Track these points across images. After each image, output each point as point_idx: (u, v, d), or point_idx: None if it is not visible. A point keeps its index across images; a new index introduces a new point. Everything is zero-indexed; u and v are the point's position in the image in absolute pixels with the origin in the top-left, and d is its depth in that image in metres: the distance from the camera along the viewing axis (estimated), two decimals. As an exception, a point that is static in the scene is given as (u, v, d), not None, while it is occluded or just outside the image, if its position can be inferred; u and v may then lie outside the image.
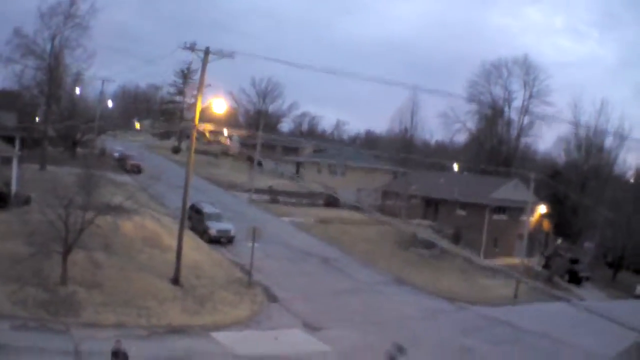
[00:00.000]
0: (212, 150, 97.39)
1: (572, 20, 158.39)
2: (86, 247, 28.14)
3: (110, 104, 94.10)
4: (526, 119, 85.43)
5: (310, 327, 29.84)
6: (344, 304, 34.62)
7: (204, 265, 35.43)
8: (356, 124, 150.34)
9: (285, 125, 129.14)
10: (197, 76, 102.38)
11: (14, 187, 38.59)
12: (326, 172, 78.58)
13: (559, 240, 54.20)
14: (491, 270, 50.54)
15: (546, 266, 55.67)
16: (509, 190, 60.12)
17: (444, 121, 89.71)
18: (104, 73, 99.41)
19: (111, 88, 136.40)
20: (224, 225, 43.86)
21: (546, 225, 60.87)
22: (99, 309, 26.17)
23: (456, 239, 56.59)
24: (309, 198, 68.38)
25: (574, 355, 31.75)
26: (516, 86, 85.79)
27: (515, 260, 52.71)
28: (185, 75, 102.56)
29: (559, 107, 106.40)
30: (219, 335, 26.77)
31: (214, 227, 43.16)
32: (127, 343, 22.91)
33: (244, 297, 32.21)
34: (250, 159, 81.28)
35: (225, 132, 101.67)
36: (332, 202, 66.03)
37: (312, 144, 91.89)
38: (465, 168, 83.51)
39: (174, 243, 33.12)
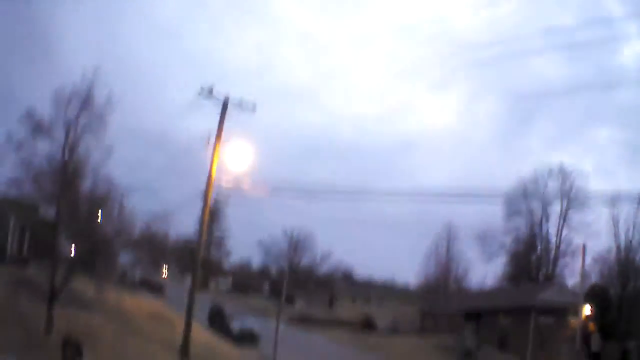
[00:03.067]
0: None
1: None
2: (83, 309, 24.85)
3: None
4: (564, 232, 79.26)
5: None
6: None
7: (221, 348, 29.89)
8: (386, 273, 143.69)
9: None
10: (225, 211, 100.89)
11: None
12: (361, 301, 73.42)
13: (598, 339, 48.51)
14: None
15: None
16: (554, 293, 55.12)
17: (481, 243, 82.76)
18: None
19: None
20: (247, 323, 38.80)
21: (592, 327, 55.25)
22: None
23: (501, 345, 51.99)
24: (344, 325, 62.40)
25: None
26: (553, 192, 79.09)
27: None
28: (212, 212, 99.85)
29: (599, 213, 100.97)
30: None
31: (236, 326, 38.23)
32: None
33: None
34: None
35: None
36: (368, 325, 60.72)
37: (343, 280, 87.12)
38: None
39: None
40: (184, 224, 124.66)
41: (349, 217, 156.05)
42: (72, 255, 26.39)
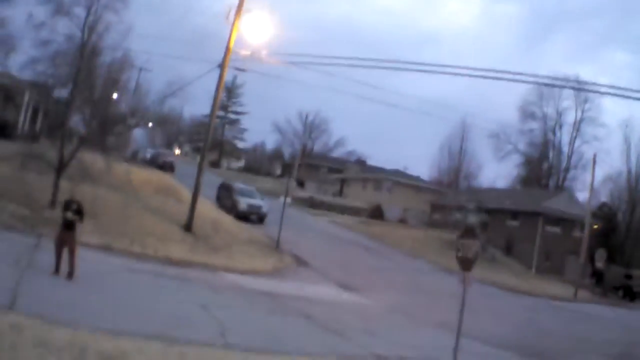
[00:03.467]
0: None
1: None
2: (89, 182, 23.32)
3: (150, 124, 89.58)
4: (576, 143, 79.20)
5: (346, 287, 24.09)
6: (384, 278, 29.26)
7: (226, 223, 30.10)
8: (401, 163, 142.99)
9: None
10: (242, 89, 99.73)
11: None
12: (371, 189, 72.74)
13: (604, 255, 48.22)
14: (545, 277, 46.96)
15: (598, 280, 50.13)
16: (562, 202, 55.88)
17: (495, 142, 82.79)
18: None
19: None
20: (255, 201, 38.14)
21: (596, 226, 55.55)
22: (87, 234, 20.41)
23: (508, 249, 52.04)
24: (352, 211, 62.62)
25: None
26: (568, 102, 79.70)
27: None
28: (229, 90, 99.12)
29: (611, 129, 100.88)
30: (230, 276, 21.11)
31: (244, 202, 37.26)
32: (110, 260, 18.26)
33: (268, 256, 26.45)
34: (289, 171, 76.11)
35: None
36: (376, 214, 60.79)
37: (357, 167, 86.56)
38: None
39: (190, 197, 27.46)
40: (200, 104, 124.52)
41: (366, 108, 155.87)
42: (84, 132, 26.11)
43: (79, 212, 15.31)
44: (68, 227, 15.14)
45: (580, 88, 59.75)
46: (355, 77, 57.44)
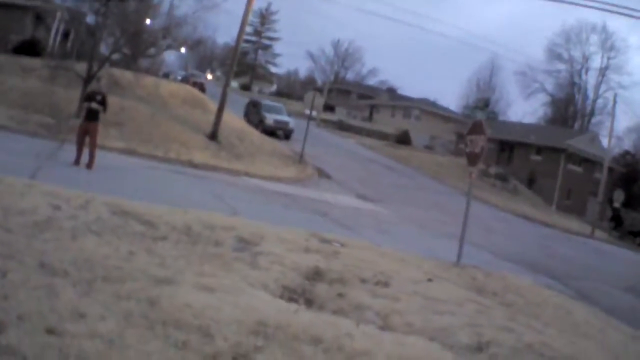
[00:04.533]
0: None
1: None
2: (118, 94, 23.57)
3: (183, 50, 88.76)
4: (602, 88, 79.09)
5: (365, 198, 24.28)
6: (403, 194, 29.15)
7: (252, 135, 30.31)
8: (431, 95, 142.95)
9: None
10: (276, 16, 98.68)
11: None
12: (400, 116, 72.84)
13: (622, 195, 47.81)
14: (565, 214, 46.49)
15: (616, 224, 49.53)
16: (586, 142, 55.51)
17: (522, 79, 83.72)
18: None
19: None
20: (282, 117, 38.38)
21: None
22: (111, 139, 20.83)
23: (530, 183, 51.87)
24: (380, 136, 62.68)
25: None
26: (594, 49, 79.81)
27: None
28: (263, 16, 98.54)
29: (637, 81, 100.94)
30: (250, 179, 21.51)
31: (270, 118, 37.51)
32: (131, 160, 18.66)
33: (291, 166, 26.79)
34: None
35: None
36: (403, 140, 60.76)
37: (387, 95, 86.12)
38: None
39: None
40: (233, 31, 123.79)
41: (399, 39, 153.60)
42: (114, 50, 26.12)
43: (103, 103, 15.44)
44: (91, 117, 15.35)
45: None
46: (391, 4, 56.69)
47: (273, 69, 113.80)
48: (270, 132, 36.06)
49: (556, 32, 78.96)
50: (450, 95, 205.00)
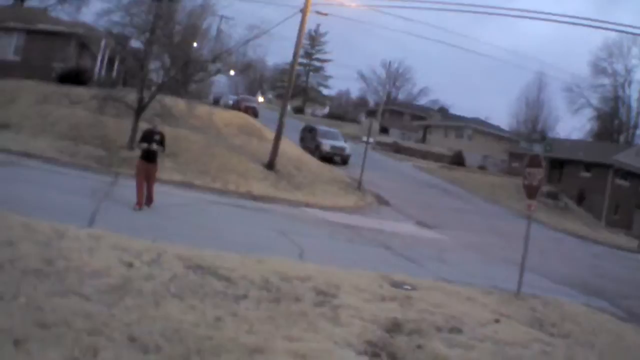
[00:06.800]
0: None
1: None
2: (171, 124, 23.19)
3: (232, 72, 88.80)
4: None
5: (424, 225, 23.77)
6: (461, 218, 28.75)
7: (309, 163, 29.85)
8: (482, 113, 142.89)
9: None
10: (325, 37, 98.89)
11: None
12: (453, 136, 72.72)
13: None
14: (613, 229, 45.97)
15: None
16: (632, 155, 55.02)
17: (568, 95, 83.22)
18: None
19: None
20: (339, 143, 38.02)
21: None
22: (167, 171, 20.48)
23: (580, 199, 51.28)
24: (434, 157, 62.40)
25: None
26: (636, 61, 79.81)
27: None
28: (313, 38, 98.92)
29: None
30: (311, 210, 21.00)
31: (327, 144, 37.16)
32: (190, 194, 18.33)
33: (350, 194, 26.18)
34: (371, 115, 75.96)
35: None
36: (458, 161, 60.57)
37: (439, 115, 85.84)
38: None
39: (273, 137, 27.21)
40: (283, 52, 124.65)
41: (449, 58, 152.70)
42: (163, 77, 25.86)
43: (162, 143, 15.01)
44: (150, 158, 14.89)
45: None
46: (439, 25, 56.50)
47: (325, 91, 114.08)
48: (328, 158, 35.68)
49: (599, 46, 78.07)
50: (501, 113, 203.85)
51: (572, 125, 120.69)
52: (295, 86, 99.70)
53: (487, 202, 38.50)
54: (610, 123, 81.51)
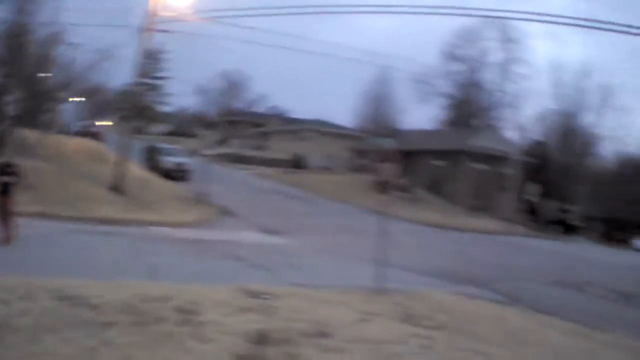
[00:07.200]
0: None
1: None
2: (26, 155, 24.74)
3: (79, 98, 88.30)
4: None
5: (271, 232, 25.85)
6: (309, 221, 30.70)
7: (154, 182, 32.03)
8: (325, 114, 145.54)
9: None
10: (165, 55, 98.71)
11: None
12: (292, 140, 74.42)
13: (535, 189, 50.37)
14: (476, 214, 46.15)
15: (533, 216, 52.06)
16: (487, 139, 55.43)
17: (420, 87, 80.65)
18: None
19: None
20: (180, 159, 40.47)
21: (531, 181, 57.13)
22: (24, 204, 21.91)
23: (434, 189, 52.27)
24: (275, 163, 64.45)
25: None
26: (492, 44, 78.61)
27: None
28: (152, 56, 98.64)
29: (541, 70, 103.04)
30: (157, 229, 22.90)
31: (169, 161, 39.64)
32: (45, 224, 19.71)
33: (196, 209, 28.59)
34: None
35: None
36: (298, 164, 62.68)
37: (278, 120, 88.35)
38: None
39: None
40: (126, 73, 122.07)
41: (288, 63, 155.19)
42: (18, 109, 26.35)
43: (16, 175, 15.82)
44: (5, 191, 15.62)
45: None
46: (276, 30, 57.94)
47: (166, 108, 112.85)
48: (171, 175, 37.94)
49: (450, 33, 78.41)
50: (346, 112, 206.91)
51: (425, 115, 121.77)
52: (136, 107, 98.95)
53: (334, 202, 40.08)
54: (466, 109, 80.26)
